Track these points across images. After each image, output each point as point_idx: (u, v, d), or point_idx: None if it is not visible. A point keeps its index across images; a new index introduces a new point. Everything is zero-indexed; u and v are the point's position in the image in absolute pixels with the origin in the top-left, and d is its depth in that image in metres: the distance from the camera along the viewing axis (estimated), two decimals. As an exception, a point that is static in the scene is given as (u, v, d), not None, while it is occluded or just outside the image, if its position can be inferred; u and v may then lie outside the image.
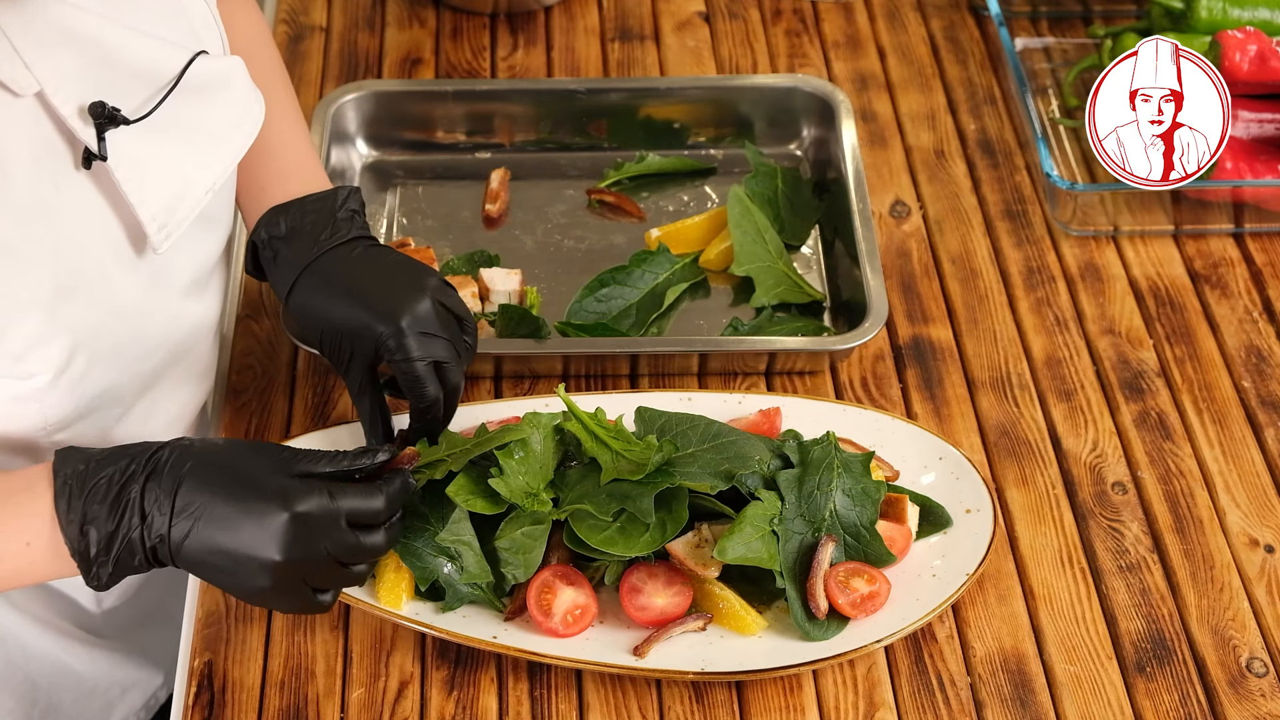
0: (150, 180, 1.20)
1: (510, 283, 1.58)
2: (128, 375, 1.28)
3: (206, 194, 1.26)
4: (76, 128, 1.14)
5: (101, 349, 1.22)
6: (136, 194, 1.19)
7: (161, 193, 1.21)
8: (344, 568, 1.18)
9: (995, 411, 1.52)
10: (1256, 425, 1.51)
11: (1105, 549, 1.41)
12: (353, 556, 1.17)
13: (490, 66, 1.88)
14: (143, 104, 1.19)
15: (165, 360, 1.33)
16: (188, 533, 1.12)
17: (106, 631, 1.55)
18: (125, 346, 1.25)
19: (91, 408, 1.26)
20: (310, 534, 1.13)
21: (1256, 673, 1.33)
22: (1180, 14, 1.78)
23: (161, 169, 1.21)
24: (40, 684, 1.49)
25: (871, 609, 1.31)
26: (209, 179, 1.26)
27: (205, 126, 1.26)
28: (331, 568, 1.16)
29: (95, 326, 1.20)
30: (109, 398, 1.27)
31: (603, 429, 1.33)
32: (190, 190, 1.24)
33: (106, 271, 1.21)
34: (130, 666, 1.58)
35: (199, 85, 1.24)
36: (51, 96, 1.13)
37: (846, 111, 1.72)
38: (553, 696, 1.30)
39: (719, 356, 1.51)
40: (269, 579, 1.13)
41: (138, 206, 1.20)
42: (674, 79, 1.82)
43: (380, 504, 1.18)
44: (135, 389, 1.31)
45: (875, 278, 1.54)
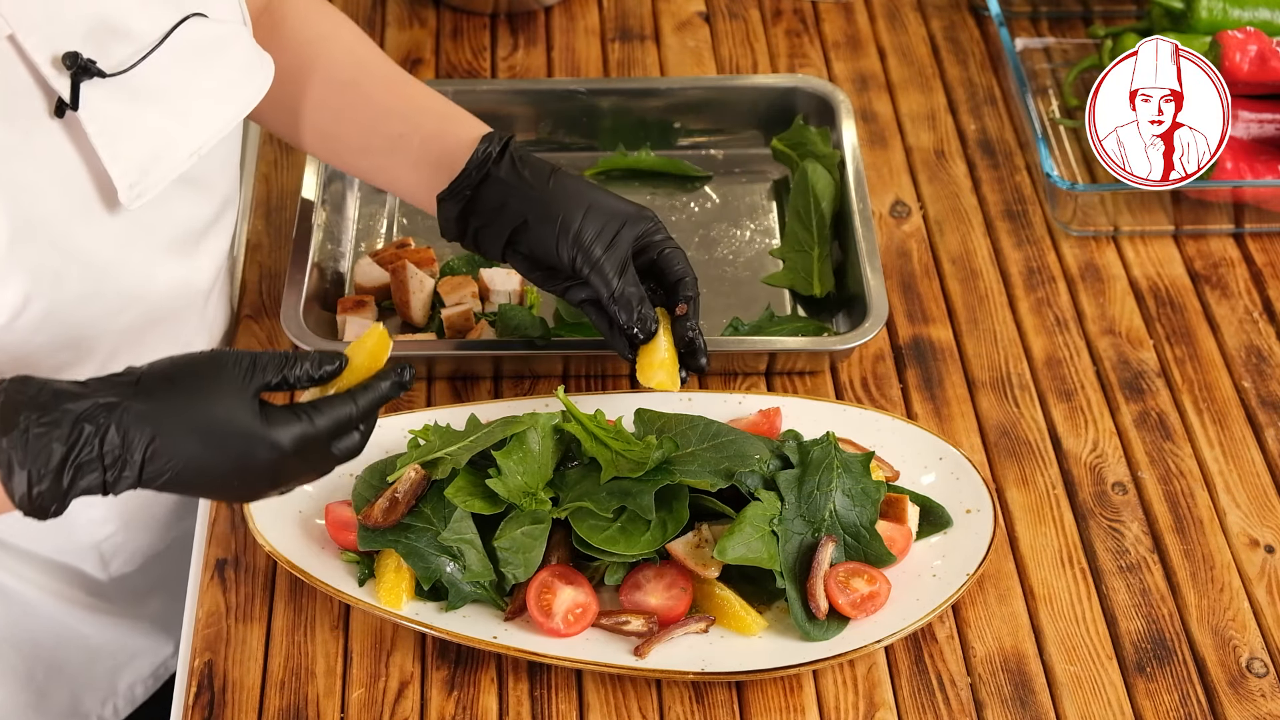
0: (125, 137, 1.19)
1: (510, 283, 1.58)
2: (97, 329, 1.27)
3: (191, 156, 1.25)
4: (49, 75, 1.14)
5: (63, 298, 1.21)
6: (108, 149, 1.19)
7: (137, 151, 1.20)
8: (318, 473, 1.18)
9: (995, 412, 1.52)
10: (1256, 425, 1.51)
11: (1105, 549, 1.41)
12: (331, 467, 1.17)
13: (490, 66, 1.88)
14: (124, 60, 1.18)
15: (141, 317, 1.31)
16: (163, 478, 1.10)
17: (115, 598, 1.55)
18: (92, 296, 1.24)
19: (60, 360, 1.25)
20: (296, 465, 1.13)
21: (1256, 673, 1.33)
22: (1180, 14, 1.78)
23: (139, 127, 1.20)
24: (46, 644, 1.49)
25: (871, 609, 1.31)
26: (195, 142, 1.25)
27: (196, 89, 1.25)
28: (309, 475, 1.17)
29: (56, 273, 1.19)
30: (78, 350, 1.26)
31: (602, 430, 1.33)
32: (171, 151, 1.23)
33: (71, 222, 1.20)
34: (138, 634, 1.58)
35: (193, 47, 1.23)
36: (23, 40, 1.13)
37: (847, 111, 1.72)
38: (553, 696, 1.30)
39: (719, 356, 1.51)
40: (253, 498, 1.15)
41: (108, 162, 1.19)
42: (674, 79, 1.82)
43: (354, 410, 1.16)
44: (108, 343, 1.30)
45: (875, 277, 1.54)
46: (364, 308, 1.56)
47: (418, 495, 1.32)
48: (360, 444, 1.17)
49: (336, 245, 1.65)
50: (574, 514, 1.29)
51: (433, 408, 1.46)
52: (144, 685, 1.61)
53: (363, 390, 1.17)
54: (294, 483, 1.16)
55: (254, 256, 1.65)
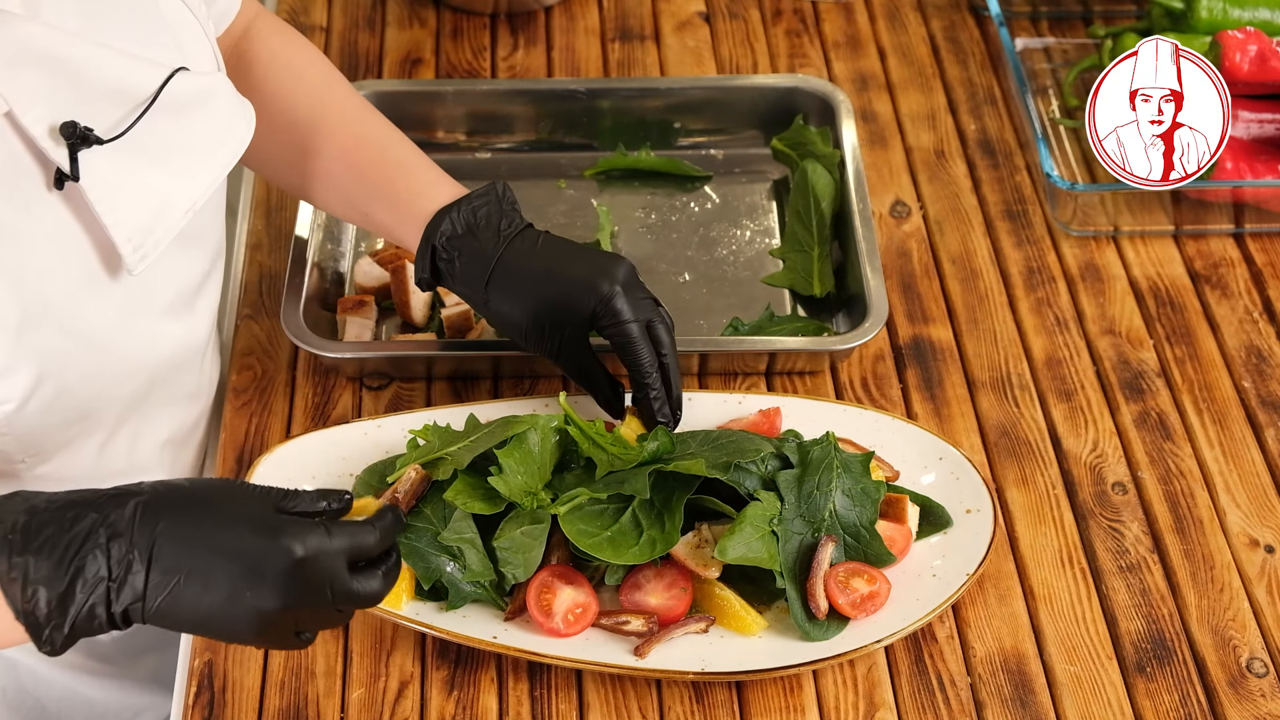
0: (125, 200, 1.16)
1: (510, 283, 1.58)
2: (104, 401, 1.25)
3: (186, 213, 1.21)
4: (48, 148, 1.10)
5: (71, 377, 1.18)
6: (110, 215, 1.15)
7: (138, 213, 1.17)
8: (335, 611, 1.10)
9: (995, 411, 1.52)
10: (1256, 425, 1.51)
11: (1105, 549, 1.41)
12: (350, 603, 1.09)
13: (490, 66, 1.88)
14: (118, 123, 1.14)
15: (146, 384, 1.29)
16: (170, 591, 1.02)
17: (118, 659, 1.54)
18: (97, 373, 1.21)
19: (69, 436, 1.23)
20: (313, 578, 1.05)
21: (1256, 673, 1.33)
22: (1180, 14, 1.78)
23: (137, 189, 1.17)
24: (51, 710, 1.48)
25: (871, 609, 1.31)
26: (189, 198, 1.22)
27: (186, 144, 1.22)
28: (326, 611, 1.09)
29: (64, 354, 1.17)
30: (86, 425, 1.25)
31: (600, 435, 1.33)
32: (169, 210, 1.20)
33: (77, 297, 1.17)
34: (142, 691, 1.57)
35: (179, 102, 1.19)
36: (21, 117, 1.09)
37: (847, 111, 1.72)
38: (553, 696, 1.30)
39: (719, 356, 1.51)
40: (260, 627, 1.05)
41: (112, 228, 1.16)
42: (674, 79, 1.82)
43: (375, 539, 1.09)
44: (115, 414, 1.28)
45: (875, 277, 1.54)
46: (364, 308, 1.56)
47: (418, 495, 1.32)
48: (382, 588, 1.10)
49: (336, 245, 1.65)
50: (565, 517, 1.29)
51: (433, 408, 1.46)
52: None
53: (379, 518, 1.10)
54: (303, 611, 1.06)
55: (254, 256, 1.65)
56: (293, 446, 1.41)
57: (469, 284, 1.37)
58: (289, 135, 1.42)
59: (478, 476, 1.31)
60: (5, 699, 1.44)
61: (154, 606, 1.03)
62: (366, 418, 1.45)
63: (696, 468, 1.28)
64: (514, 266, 1.36)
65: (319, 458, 1.40)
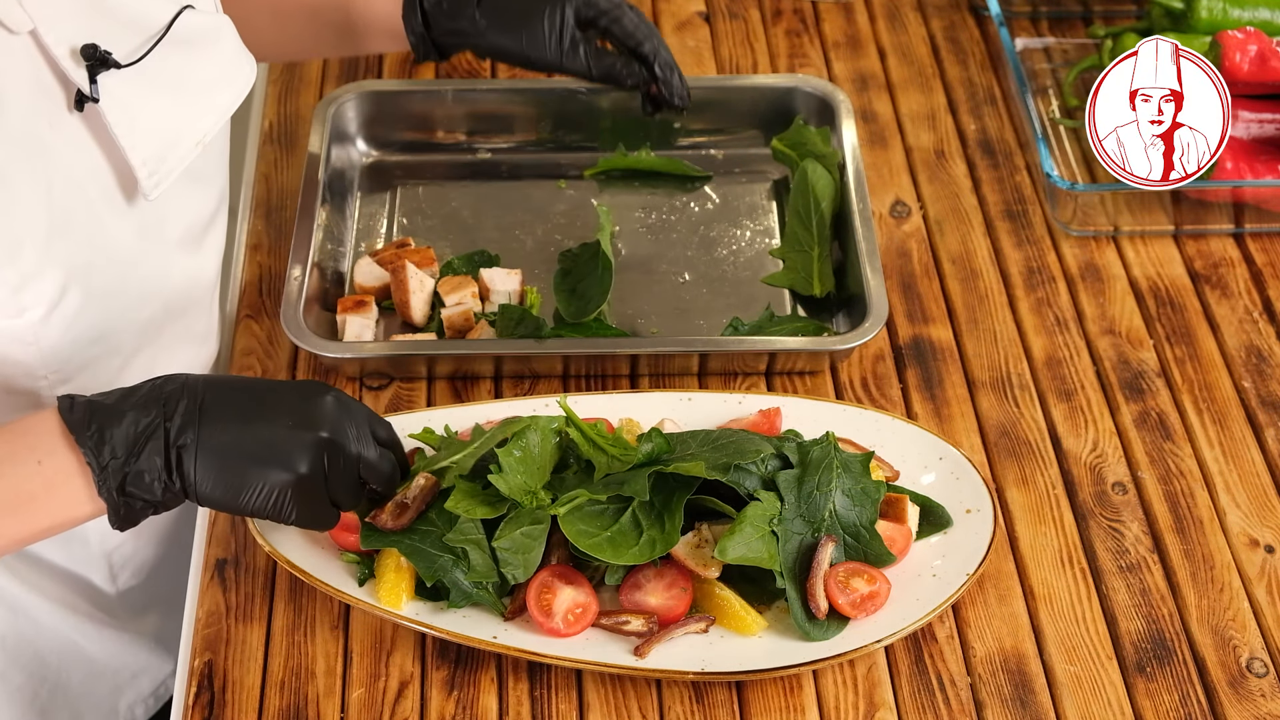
0: (141, 126, 1.22)
1: (510, 283, 1.58)
2: (123, 322, 1.29)
3: (196, 145, 1.28)
4: (69, 68, 1.17)
5: (94, 288, 1.23)
6: (127, 138, 1.22)
7: (152, 139, 1.24)
8: (360, 485, 1.22)
9: (995, 411, 1.52)
10: (1256, 425, 1.51)
11: (1105, 549, 1.41)
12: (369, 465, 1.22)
13: (490, 66, 1.88)
14: (133, 51, 1.21)
15: (160, 312, 1.34)
16: (218, 423, 1.14)
17: (120, 613, 1.55)
18: (118, 290, 1.27)
19: (89, 356, 1.27)
20: (345, 413, 1.19)
21: (1256, 673, 1.33)
22: (1180, 14, 1.78)
23: (152, 115, 1.24)
24: (50, 662, 1.50)
25: (871, 609, 1.31)
26: (198, 131, 1.28)
27: (194, 79, 1.28)
28: (352, 472, 1.20)
29: (88, 265, 1.22)
30: (106, 345, 1.29)
31: (601, 437, 1.33)
32: (180, 140, 1.27)
33: (98, 213, 1.23)
34: (141, 650, 1.59)
35: (187, 38, 1.26)
36: (45, 35, 1.15)
37: (847, 111, 1.72)
38: (553, 696, 1.30)
39: (719, 356, 1.51)
40: (304, 461, 1.16)
41: (128, 150, 1.22)
42: None
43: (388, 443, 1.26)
44: (132, 340, 1.32)
45: (875, 277, 1.54)
46: (364, 307, 1.56)
47: (427, 501, 1.32)
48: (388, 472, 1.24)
49: (337, 245, 1.65)
50: (565, 518, 1.29)
51: (433, 408, 1.46)
52: (144, 705, 1.62)
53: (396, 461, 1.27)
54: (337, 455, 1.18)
55: (254, 256, 1.65)
56: (293, 446, 1.41)
57: (461, 11, 1.54)
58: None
59: (477, 483, 1.31)
60: (5, 648, 1.46)
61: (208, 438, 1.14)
62: (366, 418, 1.45)
63: (696, 469, 1.28)
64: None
65: (319, 458, 1.40)
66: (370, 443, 1.22)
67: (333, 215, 1.65)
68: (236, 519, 1.42)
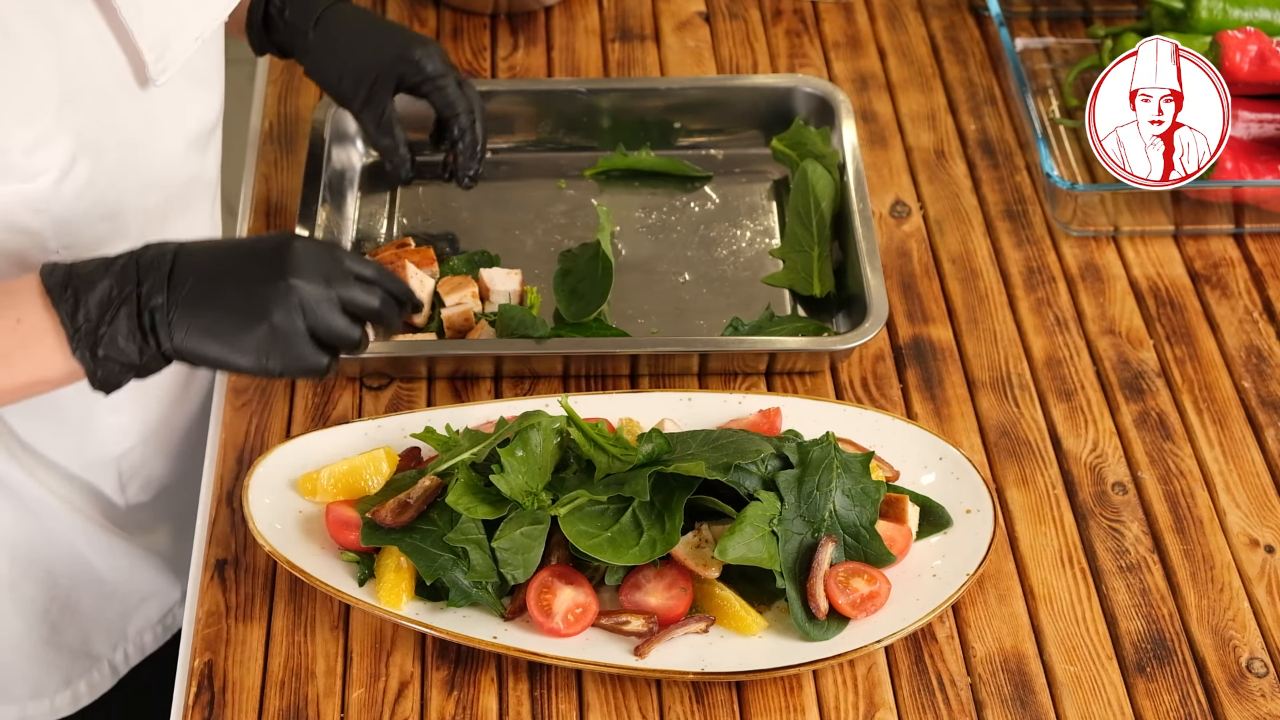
0: (148, 12, 1.26)
1: (510, 283, 1.58)
2: (130, 205, 1.33)
3: (196, 40, 1.32)
4: None
5: (103, 164, 1.27)
6: (135, 22, 1.25)
7: (157, 26, 1.28)
8: (346, 322, 1.20)
9: (995, 411, 1.52)
10: (1256, 425, 1.51)
11: (1105, 549, 1.41)
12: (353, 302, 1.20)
13: (490, 66, 1.88)
14: None
15: (165, 200, 1.38)
16: (188, 282, 1.15)
17: (129, 527, 1.58)
18: (126, 170, 1.31)
19: (97, 234, 1.30)
20: (315, 255, 1.18)
21: (1256, 673, 1.33)
22: (1180, 14, 1.78)
23: (157, 3, 1.27)
24: (61, 580, 1.53)
25: (871, 609, 1.31)
26: (198, 25, 1.32)
27: None
28: (333, 312, 1.19)
29: (97, 140, 1.26)
30: (113, 225, 1.32)
31: (602, 437, 1.33)
32: (183, 31, 1.31)
33: (109, 93, 1.27)
34: (150, 571, 1.61)
35: None
36: None
37: (847, 111, 1.72)
38: (553, 696, 1.30)
39: (719, 356, 1.51)
40: (276, 307, 1.15)
41: (137, 34, 1.26)
42: (674, 79, 1.82)
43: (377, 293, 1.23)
44: (138, 223, 1.35)
45: (875, 277, 1.54)
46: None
47: (429, 502, 1.33)
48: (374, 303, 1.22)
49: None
50: (565, 518, 1.29)
51: (433, 408, 1.46)
52: (153, 633, 1.65)
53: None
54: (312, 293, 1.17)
55: (254, 256, 1.65)
56: (293, 446, 1.41)
57: (295, 26, 1.53)
58: None
59: (480, 480, 1.31)
60: (17, 557, 1.49)
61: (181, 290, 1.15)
62: (366, 418, 1.45)
63: (696, 469, 1.28)
64: (344, 13, 1.53)
65: (319, 458, 1.40)
66: (350, 280, 1.21)
67: (333, 215, 1.65)
68: (237, 519, 1.42)
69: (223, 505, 1.43)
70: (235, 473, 1.45)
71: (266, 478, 1.38)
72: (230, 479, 1.45)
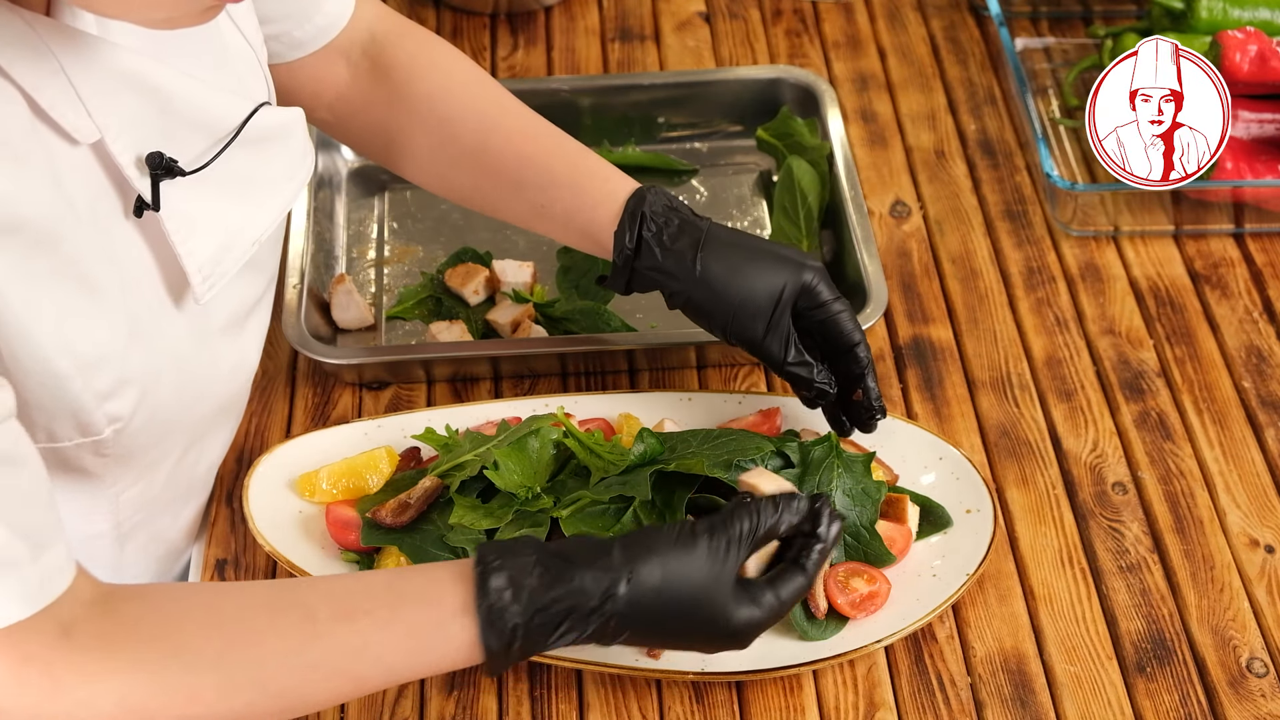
0: (199, 232, 1.15)
1: (523, 275, 1.59)
2: (180, 423, 1.24)
3: (253, 245, 1.21)
4: (132, 177, 1.10)
5: (162, 396, 1.18)
6: (184, 245, 1.15)
7: (209, 244, 1.17)
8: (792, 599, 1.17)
9: (995, 411, 1.52)
10: (1257, 425, 1.51)
11: (1105, 549, 1.41)
12: (772, 623, 1.17)
13: (490, 66, 1.88)
14: (200, 155, 1.14)
15: (211, 406, 1.29)
16: (632, 629, 1.12)
17: None
18: (181, 391, 1.21)
19: (150, 460, 1.23)
20: (759, 632, 1.16)
21: (1257, 673, 1.33)
22: (1180, 14, 1.78)
23: (211, 220, 1.17)
24: None
25: (871, 609, 1.31)
26: (257, 230, 1.22)
27: (260, 177, 1.21)
28: None
29: (155, 372, 1.16)
30: (162, 449, 1.24)
31: (599, 445, 1.33)
32: (237, 241, 1.20)
33: (157, 319, 1.17)
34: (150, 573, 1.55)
35: (258, 136, 1.19)
36: (110, 145, 1.08)
37: (831, 101, 1.72)
38: (553, 696, 1.30)
39: (717, 347, 1.51)
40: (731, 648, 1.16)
41: (185, 258, 1.15)
42: (655, 74, 1.82)
43: (806, 581, 1.16)
44: (184, 437, 1.28)
45: (873, 264, 1.54)
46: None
47: (429, 502, 1.33)
48: (805, 580, 1.17)
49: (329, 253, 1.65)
50: (567, 520, 1.29)
51: (433, 408, 1.46)
52: None
53: (805, 550, 1.17)
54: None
55: (254, 256, 1.65)
56: (293, 446, 1.41)
57: (679, 253, 1.34)
58: (447, 134, 1.41)
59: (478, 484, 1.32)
60: None
61: None
62: (366, 418, 1.45)
63: (698, 466, 1.28)
64: (725, 238, 1.35)
65: (319, 458, 1.40)
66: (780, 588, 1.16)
67: (323, 222, 1.65)
68: (237, 519, 1.42)
69: (222, 505, 1.43)
70: (235, 472, 1.45)
71: (266, 477, 1.38)
72: (230, 479, 1.45)
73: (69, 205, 1.06)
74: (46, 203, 1.03)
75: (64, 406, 1.10)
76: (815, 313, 1.35)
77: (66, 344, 1.07)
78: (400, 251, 1.66)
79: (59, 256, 1.05)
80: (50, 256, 1.04)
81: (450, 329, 1.54)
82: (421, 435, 1.39)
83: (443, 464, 1.34)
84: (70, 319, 1.07)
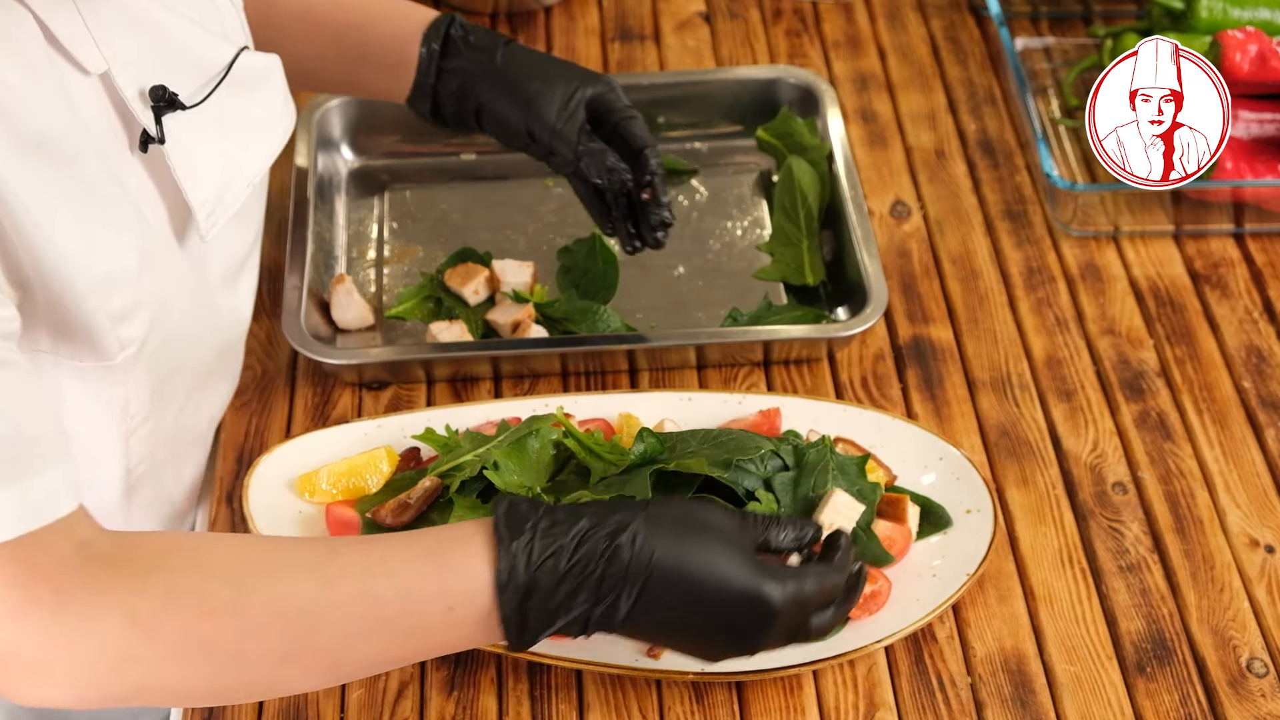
0: (200, 168, 1.21)
1: (523, 275, 1.59)
2: (182, 365, 1.28)
3: (247, 187, 1.27)
4: (136, 110, 1.16)
5: (169, 327, 1.22)
6: (188, 179, 1.20)
7: (210, 180, 1.23)
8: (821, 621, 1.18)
9: (995, 411, 1.52)
10: (1257, 425, 1.51)
11: (1105, 549, 1.41)
12: (807, 640, 1.18)
13: (490, 66, 1.88)
14: (195, 92, 1.20)
15: (212, 352, 1.33)
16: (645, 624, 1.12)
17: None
18: (187, 326, 1.25)
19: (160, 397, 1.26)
20: (784, 627, 1.14)
21: (1257, 673, 1.33)
22: (1180, 14, 1.78)
23: (211, 157, 1.23)
24: None
25: (872, 609, 1.31)
26: (250, 172, 1.28)
27: (247, 120, 1.27)
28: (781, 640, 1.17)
29: (163, 302, 1.20)
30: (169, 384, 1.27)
31: (598, 445, 1.33)
32: (234, 181, 1.26)
33: (165, 251, 1.21)
34: None
35: (243, 79, 1.25)
36: (116, 77, 1.14)
37: (831, 100, 1.72)
38: (553, 697, 1.30)
39: (717, 347, 1.51)
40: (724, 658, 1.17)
41: (189, 192, 1.21)
42: (655, 74, 1.82)
43: (840, 580, 1.17)
44: (186, 383, 1.31)
45: (873, 263, 1.54)
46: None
47: (429, 502, 1.32)
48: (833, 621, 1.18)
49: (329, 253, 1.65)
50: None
51: (433, 408, 1.46)
52: None
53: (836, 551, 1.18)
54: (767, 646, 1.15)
55: (253, 256, 1.65)
56: (292, 446, 1.41)
57: (483, 49, 1.45)
58: (287, 25, 1.49)
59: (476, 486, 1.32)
60: None
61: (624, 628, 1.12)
62: (366, 418, 1.45)
63: (698, 466, 1.29)
64: (527, 49, 1.47)
65: (319, 458, 1.40)
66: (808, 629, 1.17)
67: (323, 222, 1.65)
68: (236, 519, 1.42)
69: (222, 505, 1.43)
70: (235, 472, 1.45)
71: (266, 478, 1.38)
72: (230, 479, 1.45)
73: (85, 129, 1.11)
74: (66, 122, 1.08)
75: (79, 326, 1.13)
76: (608, 117, 1.45)
77: (86, 263, 1.10)
78: (400, 251, 1.66)
79: (78, 177, 1.09)
80: (70, 177, 1.08)
81: (450, 329, 1.54)
82: (421, 435, 1.39)
83: (442, 464, 1.34)
84: (89, 238, 1.10)
